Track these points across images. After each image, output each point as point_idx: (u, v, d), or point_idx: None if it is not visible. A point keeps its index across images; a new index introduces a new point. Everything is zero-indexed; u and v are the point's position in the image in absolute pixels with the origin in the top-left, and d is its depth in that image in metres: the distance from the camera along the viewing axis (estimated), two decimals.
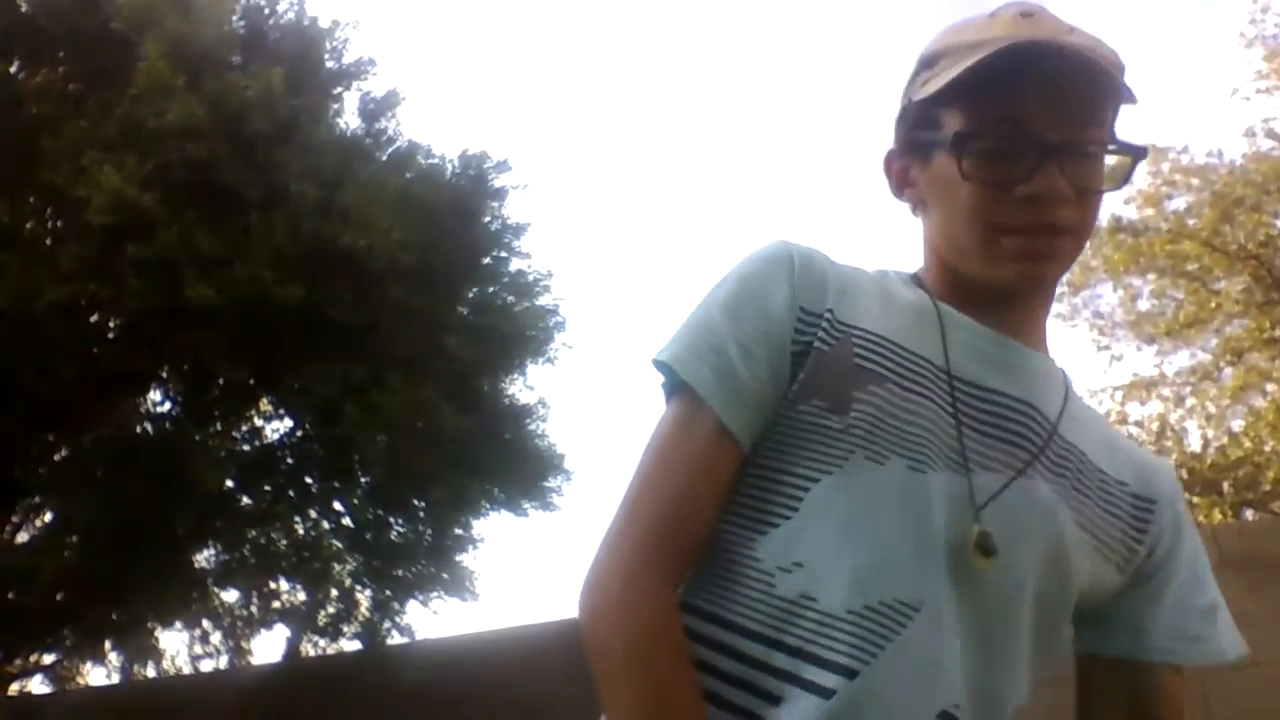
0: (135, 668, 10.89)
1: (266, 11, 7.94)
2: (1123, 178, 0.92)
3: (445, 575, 8.17)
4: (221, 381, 7.30)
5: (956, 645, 0.83)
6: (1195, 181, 12.16)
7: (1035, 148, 0.86)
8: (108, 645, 9.94)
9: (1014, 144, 0.87)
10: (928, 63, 0.94)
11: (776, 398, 0.89)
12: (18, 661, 8.61)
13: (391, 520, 8.21)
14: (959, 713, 0.82)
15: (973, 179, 0.88)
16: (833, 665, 0.81)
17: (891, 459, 0.86)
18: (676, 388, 0.91)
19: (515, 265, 8.27)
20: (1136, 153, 0.91)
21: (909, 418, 0.87)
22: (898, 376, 0.89)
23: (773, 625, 0.83)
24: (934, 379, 0.90)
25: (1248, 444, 11.92)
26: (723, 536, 0.89)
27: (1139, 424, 12.89)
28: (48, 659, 9.43)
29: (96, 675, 10.96)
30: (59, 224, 7.37)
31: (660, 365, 0.92)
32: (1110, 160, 0.92)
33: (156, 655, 11.07)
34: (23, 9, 7.36)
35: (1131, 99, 0.90)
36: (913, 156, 0.97)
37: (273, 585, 9.37)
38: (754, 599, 0.85)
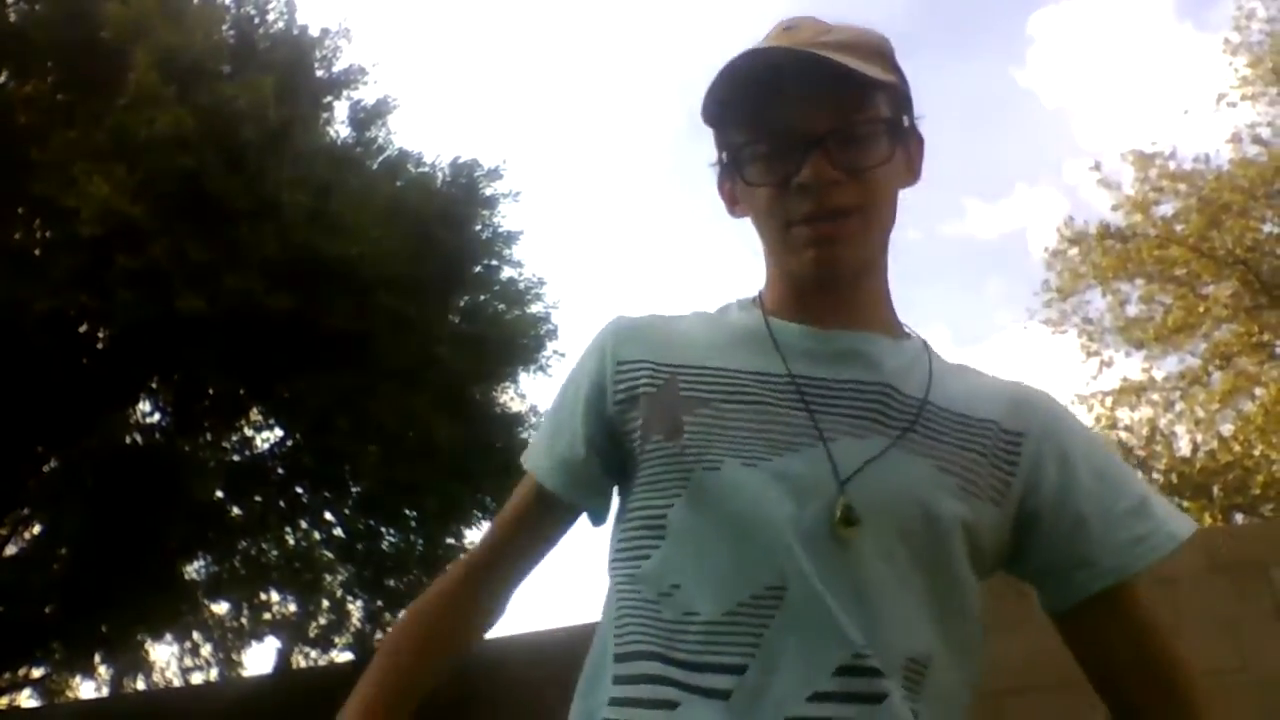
0: (125, 680, 10.82)
1: (256, 21, 7.93)
2: (893, 149, 0.96)
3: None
4: (212, 392, 7.29)
5: (836, 606, 0.85)
6: (1183, 187, 12.23)
7: (801, 142, 0.93)
8: (97, 658, 9.87)
9: (783, 143, 0.94)
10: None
11: (604, 455, 1.02)
12: (6, 675, 8.55)
13: (383, 530, 8.19)
14: (866, 659, 0.84)
15: (757, 182, 0.97)
16: (722, 667, 0.85)
17: (725, 461, 0.91)
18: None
19: (507, 273, 8.27)
20: (893, 127, 0.97)
21: (738, 423, 0.93)
22: (724, 395, 0.96)
23: (664, 644, 0.89)
24: (770, 386, 0.96)
25: (1237, 448, 11.97)
26: (616, 584, 0.97)
27: (1128, 429, 12.94)
28: (37, 672, 9.37)
29: (86, 688, 10.90)
30: (48, 235, 7.34)
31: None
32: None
33: (146, 668, 11.00)
34: (11, 19, 7.34)
35: (897, 78, 0.98)
36: (728, 176, 1.04)
37: (263, 596, 9.33)
38: (647, 628, 0.90)
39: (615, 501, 1.05)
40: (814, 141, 0.92)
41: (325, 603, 8.84)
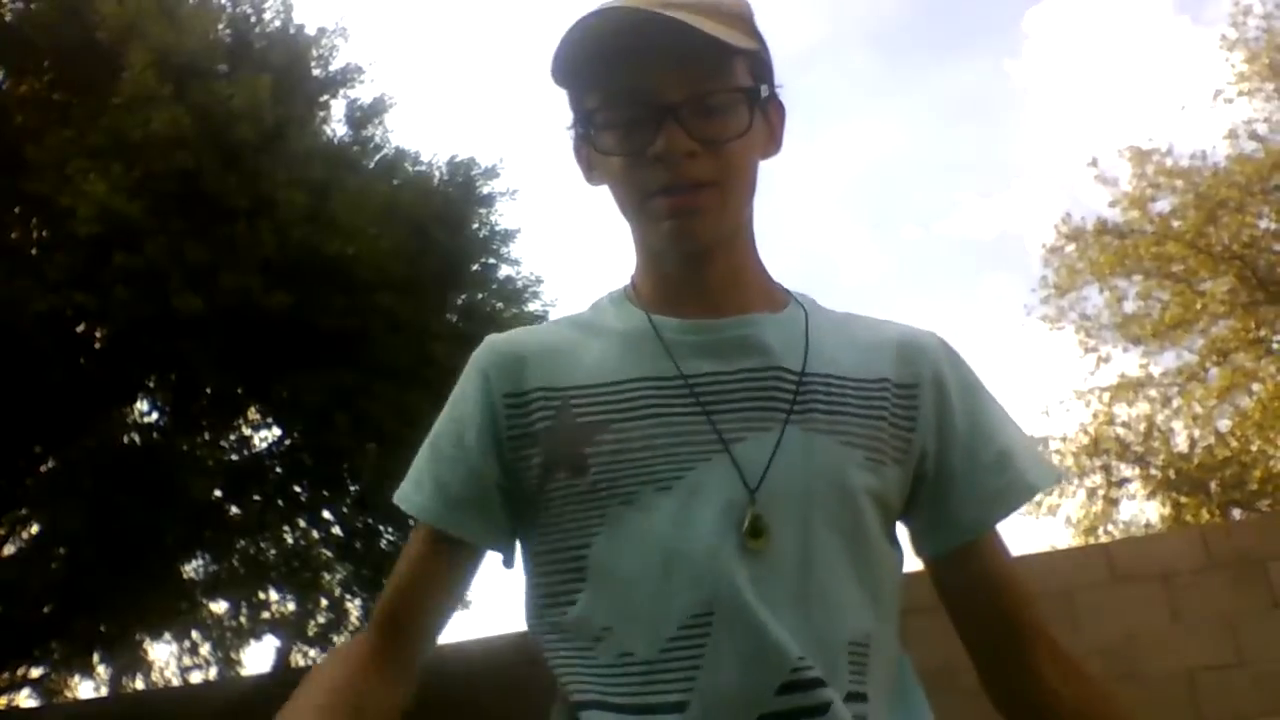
0: (124, 680, 10.82)
1: (253, 20, 7.92)
2: (748, 125, 0.91)
3: None
4: (209, 391, 7.27)
5: (769, 617, 0.84)
6: (1180, 184, 12.25)
7: (654, 111, 0.88)
8: (96, 657, 9.86)
9: (635, 111, 0.90)
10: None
11: (503, 490, 0.95)
12: (5, 675, 8.54)
13: (381, 529, 8.18)
14: (805, 671, 0.83)
15: (611, 152, 0.93)
16: (665, 707, 0.83)
17: (640, 490, 0.88)
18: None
19: (504, 272, 8.26)
20: (752, 96, 0.92)
21: (642, 443, 0.89)
22: (620, 413, 0.91)
23: (603, 690, 0.86)
24: (664, 391, 0.91)
25: (1234, 444, 12.01)
26: (544, 635, 0.93)
27: (1126, 425, 12.97)
28: (35, 672, 9.37)
29: (85, 688, 10.90)
30: (44, 234, 7.33)
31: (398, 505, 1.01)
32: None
33: (145, 667, 11.00)
34: (6, 19, 7.32)
35: (758, 44, 0.94)
36: (583, 142, 0.99)
37: (262, 595, 9.33)
38: (586, 675, 0.88)
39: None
40: (668, 110, 0.88)
41: (324, 601, 8.84)
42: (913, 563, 1.02)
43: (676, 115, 0.88)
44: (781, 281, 1.05)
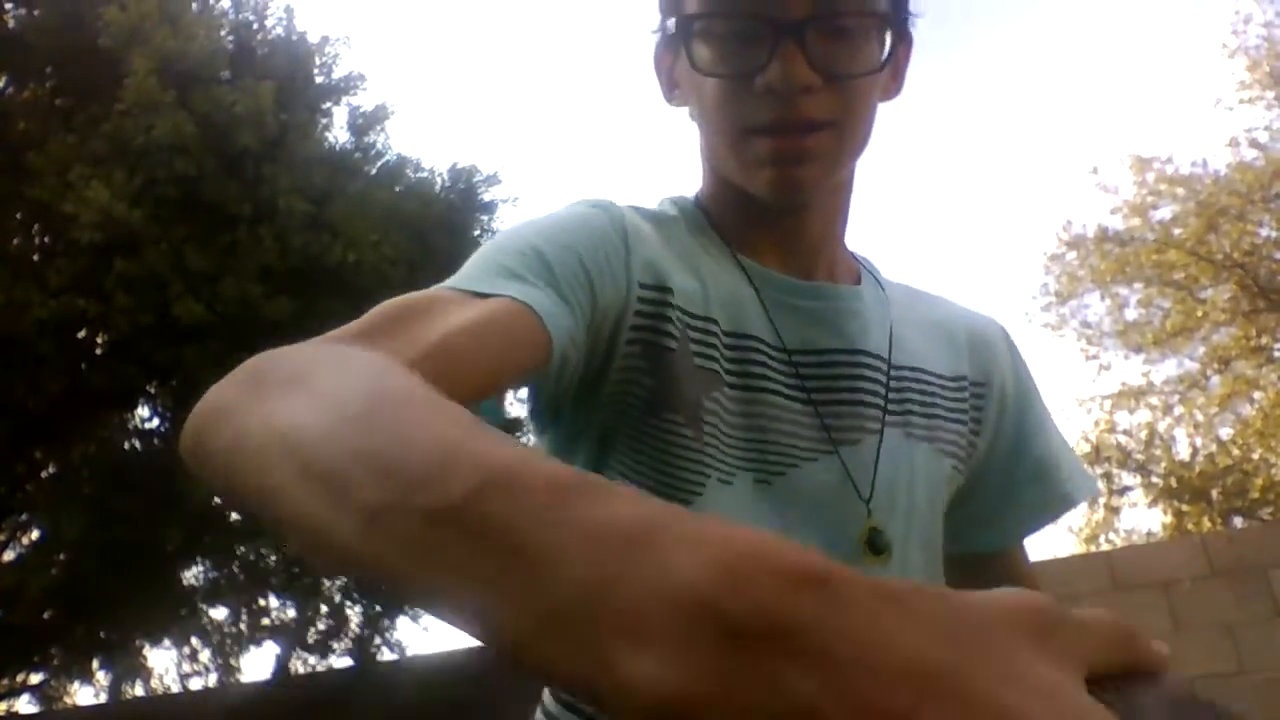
0: (123, 686, 10.80)
1: (255, 27, 7.94)
2: (884, 59, 0.76)
3: None
4: None
5: None
6: (1181, 191, 12.26)
7: (771, 28, 0.72)
8: (95, 664, 9.85)
9: (747, 25, 0.73)
10: None
11: (609, 339, 0.73)
12: (4, 681, 8.54)
13: None
14: None
15: (709, 71, 0.76)
16: None
17: (738, 475, 0.76)
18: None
19: None
20: (888, 25, 0.76)
21: (751, 422, 0.77)
22: (735, 375, 0.77)
23: None
24: (769, 361, 0.78)
25: (1236, 452, 11.99)
26: None
27: (1127, 433, 12.96)
28: (35, 678, 9.36)
29: (84, 694, 10.88)
30: (47, 240, 7.35)
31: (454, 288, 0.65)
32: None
33: (145, 674, 10.98)
34: (10, 25, 7.35)
35: None
36: (670, 50, 0.83)
37: (262, 602, 9.32)
38: None
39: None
40: (789, 29, 0.71)
41: (324, 608, 8.83)
42: None
43: (799, 37, 0.72)
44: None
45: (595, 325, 0.71)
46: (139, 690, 10.86)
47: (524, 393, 0.78)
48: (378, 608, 8.33)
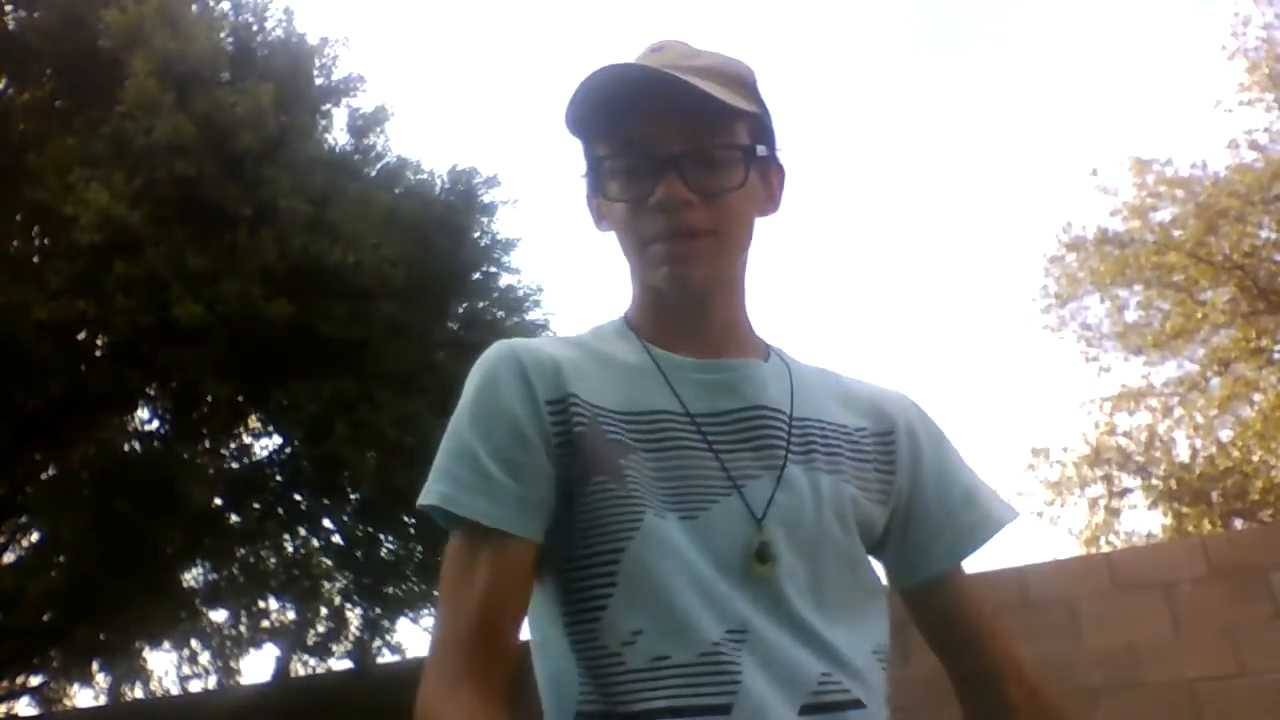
0: (123, 689, 10.80)
1: (255, 29, 7.94)
2: (743, 179, 0.98)
3: (437, 593, 8.13)
4: (210, 399, 7.27)
5: (787, 638, 0.90)
6: (1180, 193, 12.25)
7: (656, 162, 0.95)
8: (95, 666, 9.85)
9: (640, 162, 0.96)
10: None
11: (553, 489, 0.93)
12: (4, 683, 8.54)
13: (382, 537, 8.18)
14: (828, 684, 0.90)
15: (616, 198, 0.99)
16: (709, 709, 0.86)
17: (667, 514, 0.92)
18: (452, 521, 0.93)
19: (505, 280, 8.27)
20: (749, 154, 0.98)
21: (667, 474, 0.93)
22: (644, 442, 0.95)
23: (641, 697, 0.87)
24: (676, 425, 0.96)
25: (1236, 454, 11.98)
26: (569, 637, 0.92)
27: (1127, 435, 12.96)
28: (34, 680, 9.36)
29: (84, 697, 10.88)
30: (46, 242, 7.34)
31: (433, 510, 0.94)
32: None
33: (144, 676, 10.98)
34: (10, 26, 7.35)
35: (759, 109, 1.01)
36: (593, 191, 1.05)
37: (262, 604, 9.32)
38: (616, 681, 0.88)
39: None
40: (669, 161, 0.94)
41: (324, 610, 8.82)
42: None
43: (677, 166, 0.94)
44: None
45: (547, 459, 0.93)
46: (139, 693, 10.86)
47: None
48: (377, 610, 8.33)
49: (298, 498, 8.18)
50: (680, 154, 0.94)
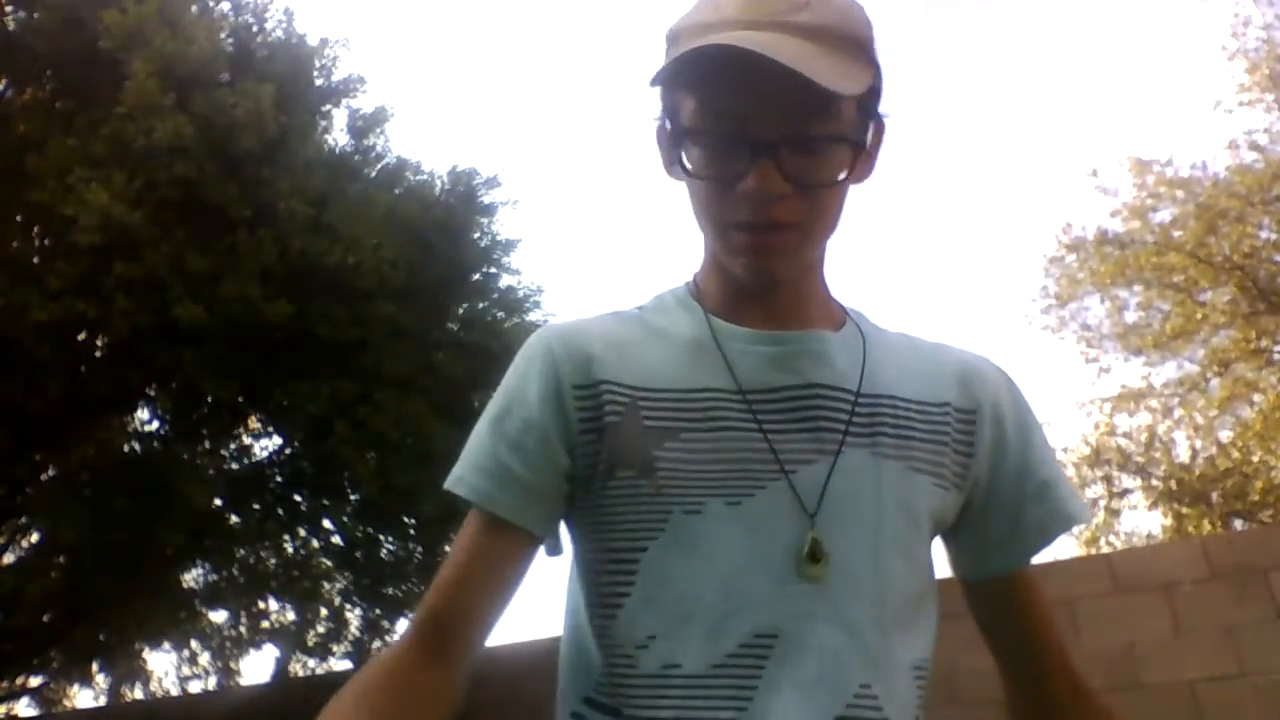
0: (123, 689, 10.81)
1: (255, 30, 7.94)
2: (849, 166, 0.88)
3: None
4: (210, 399, 7.28)
5: (833, 644, 0.85)
6: (1180, 194, 12.26)
7: (750, 146, 0.84)
8: (95, 667, 9.86)
9: (731, 142, 0.86)
10: (670, 39, 0.92)
11: (563, 482, 0.92)
12: (4, 684, 8.53)
13: (382, 538, 8.18)
14: (865, 696, 0.84)
15: (700, 175, 0.89)
16: None
17: (708, 503, 0.87)
18: (467, 503, 0.94)
19: (505, 281, 8.28)
20: (854, 141, 0.88)
21: (712, 457, 0.88)
22: (689, 423, 0.89)
23: (647, 704, 0.84)
24: (727, 404, 0.90)
25: (1236, 454, 11.99)
26: (592, 629, 0.90)
27: (1127, 435, 12.95)
28: (34, 681, 9.36)
29: (84, 697, 10.89)
30: (46, 243, 7.34)
31: (451, 491, 0.95)
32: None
33: (144, 676, 11.00)
34: (10, 28, 7.35)
35: (874, 72, 0.89)
36: (673, 157, 0.95)
37: (262, 605, 9.33)
38: (626, 683, 0.86)
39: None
40: (764, 147, 0.84)
41: (323, 610, 8.83)
42: None
43: (774, 154, 0.84)
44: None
45: (561, 448, 0.91)
46: (138, 693, 10.87)
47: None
48: (377, 611, 8.33)
49: (298, 498, 8.18)
50: (778, 139, 0.84)
